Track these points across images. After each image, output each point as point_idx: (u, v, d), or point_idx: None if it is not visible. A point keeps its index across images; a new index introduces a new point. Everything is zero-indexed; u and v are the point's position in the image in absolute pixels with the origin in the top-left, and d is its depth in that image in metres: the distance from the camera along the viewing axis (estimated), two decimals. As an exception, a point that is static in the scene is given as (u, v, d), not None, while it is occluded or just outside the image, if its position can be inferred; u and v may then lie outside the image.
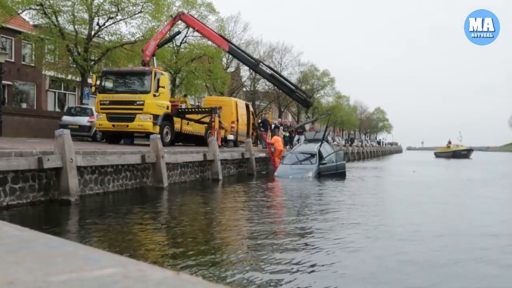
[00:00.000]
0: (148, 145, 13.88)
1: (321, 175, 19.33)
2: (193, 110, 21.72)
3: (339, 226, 8.64)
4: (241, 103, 26.18)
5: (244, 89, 48.97)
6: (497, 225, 9.59)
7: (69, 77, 26.20)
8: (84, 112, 21.60)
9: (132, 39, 24.04)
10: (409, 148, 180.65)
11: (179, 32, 23.77)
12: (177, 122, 18.89)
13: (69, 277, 0.97)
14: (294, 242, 7.11)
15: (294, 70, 53.30)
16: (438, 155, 73.94)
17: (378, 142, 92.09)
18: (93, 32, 23.16)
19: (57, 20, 22.15)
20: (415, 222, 9.38)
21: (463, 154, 67.99)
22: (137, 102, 16.88)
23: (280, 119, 38.59)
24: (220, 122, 21.62)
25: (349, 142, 59.40)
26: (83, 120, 20.94)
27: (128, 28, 47.28)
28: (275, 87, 33.76)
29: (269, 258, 6.07)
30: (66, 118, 21.20)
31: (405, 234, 8.05)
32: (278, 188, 16.50)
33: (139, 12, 23.27)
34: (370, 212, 10.57)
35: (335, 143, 44.33)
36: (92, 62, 23.55)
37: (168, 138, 17.69)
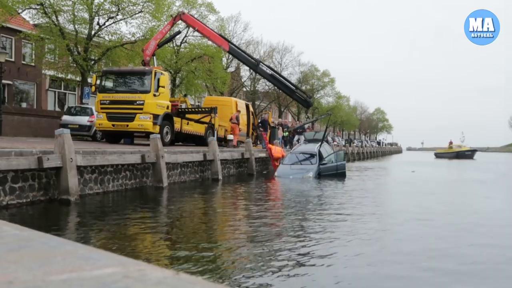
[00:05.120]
0: (148, 144, 13.88)
1: (321, 175, 19.34)
2: (193, 110, 21.73)
3: (340, 227, 8.63)
4: (241, 103, 26.20)
5: (244, 89, 48.98)
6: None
7: (69, 76, 26.19)
8: (84, 111, 21.59)
9: (133, 38, 24.06)
10: (409, 149, 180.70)
11: (179, 32, 23.78)
12: (177, 122, 18.89)
13: (68, 276, 0.97)
14: (294, 242, 7.11)
15: (294, 70, 53.40)
16: (438, 155, 73.60)
17: (378, 143, 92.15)
18: (93, 32, 23.18)
19: (57, 20, 22.17)
20: (414, 223, 9.37)
21: (467, 154, 67.66)
22: (137, 102, 16.89)
23: (280, 119, 38.60)
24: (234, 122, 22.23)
25: (349, 143, 59.39)
26: (83, 120, 20.93)
27: (128, 28, 47.19)
28: (275, 87, 33.79)
29: (269, 258, 6.07)
30: (66, 118, 21.20)
31: (403, 235, 8.05)
32: (278, 188, 16.49)
33: (139, 12, 23.29)
34: (370, 213, 10.56)
35: (335, 143, 44.32)
36: (92, 62, 23.56)
37: (168, 138, 17.68)
